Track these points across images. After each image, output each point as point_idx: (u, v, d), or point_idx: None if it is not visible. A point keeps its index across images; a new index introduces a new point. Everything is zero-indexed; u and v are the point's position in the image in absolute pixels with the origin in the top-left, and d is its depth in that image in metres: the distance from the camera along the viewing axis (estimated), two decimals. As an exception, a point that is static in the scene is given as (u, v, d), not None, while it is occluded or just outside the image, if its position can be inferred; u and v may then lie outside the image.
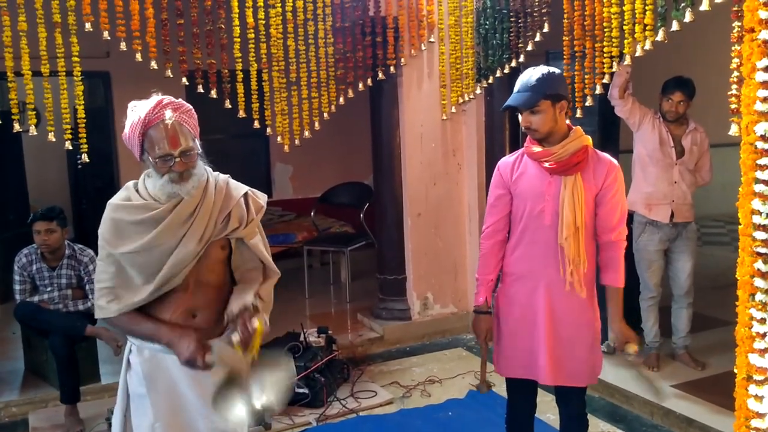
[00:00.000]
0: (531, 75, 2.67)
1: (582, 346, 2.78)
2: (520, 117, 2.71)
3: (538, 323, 2.75)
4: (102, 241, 2.22)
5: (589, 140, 2.72)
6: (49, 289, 4.40)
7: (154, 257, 2.17)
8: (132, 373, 2.31)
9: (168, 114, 2.15)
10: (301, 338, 4.57)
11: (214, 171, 2.36)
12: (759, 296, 2.21)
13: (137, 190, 2.25)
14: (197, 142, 2.23)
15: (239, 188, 2.36)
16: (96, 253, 2.29)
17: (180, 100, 2.25)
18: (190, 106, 2.25)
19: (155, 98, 2.19)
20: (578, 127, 2.75)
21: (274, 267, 2.41)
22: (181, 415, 2.29)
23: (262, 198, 2.41)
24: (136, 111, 2.17)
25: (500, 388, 4.43)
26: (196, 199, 2.22)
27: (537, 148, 2.72)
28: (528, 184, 2.76)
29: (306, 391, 4.27)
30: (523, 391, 2.94)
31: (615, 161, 2.75)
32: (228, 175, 2.39)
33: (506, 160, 2.88)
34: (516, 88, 2.71)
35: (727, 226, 8.67)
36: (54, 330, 4.22)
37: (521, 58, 4.77)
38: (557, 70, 2.72)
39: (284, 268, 2.53)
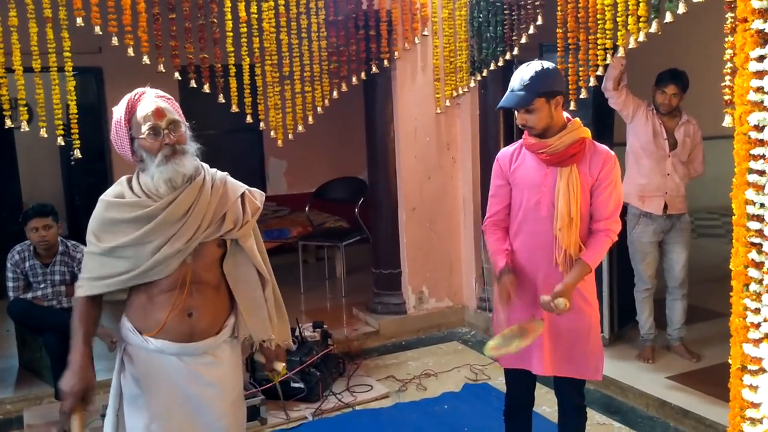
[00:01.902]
0: (524, 73, 2.65)
1: (581, 338, 2.78)
2: (516, 114, 2.71)
3: (536, 313, 2.75)
4: (90, 236, 2.21)
5: (587, 132, 2.72)
6: (42, 285, 4.38)
7: (142, 252, 2.16)
8: (126, 374, 2.29)
9: (148, 93, 2.20)
10: (297, 333, 4.57)
11: (210, 168, 2.34)
12: (753, 286, 2.21)
13: (131, 187, 2.23)
14: (185, 124, 2.24)
15: (237, 188, 2.33)
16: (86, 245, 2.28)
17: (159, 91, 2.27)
18: (171, 97, 2.27)
19: (133, 92, 2.22)
20: (576, 119, 2.74)
21: (266, 274, 2.40)
22: (177, 415, 2.28)
23: (259, 198, 2.38)
24: (118, 108, 2.21)
25: (496, 381, 4.45)
26: (192, 197, 2.19)
27: (534, 140, 2.72)
28: (525, 175, 2.77)
29: (302, 385, 4.27)
30: (521, 383, 2.94)
31: (612, 152, 2.74)
32: (226, 173, 2.36)
33: (505, 151, 2.89)
34: (510, 87, 2.70)
35: (721, 218, 8.70)
36: (48, 327, 4.21)
37: (515, 51, 4.77)
38: (551, 65, 2.71)
39: (279, 264, 2.54)
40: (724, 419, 2.57)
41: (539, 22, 4.52)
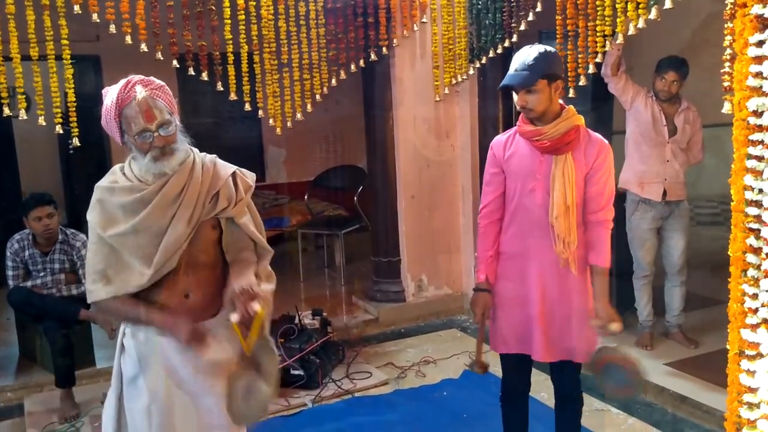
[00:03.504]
0: (528, 54, 2.65)
1: (576, 324, 2.79)
2: (515, 96, 2.70)
3: (531, 300, 2.77)
4: (91, 224, 2.22)
5: (581, 120, 2.72)
6: (42, 274, 4.38)
7: (145, 240, 2.16)
8: (126, 357, 2.31)
9: (139, 89, 2.15)
10: (296, 321, 4.58)
11: (201, 152, 2.35)
12: (751, 272, 2.21)
13: (124, 173, 2.24)
14: (175, 117, 2.22)
15: (227, 168, 2.35)
16: (88, 237, 2.28)
17: (151, 77, 2.24)
18: (162, 83, 2.24)
19: (124, 79, 2.19)
20: (570, 106, 2.74)
21: (267, 245, 2.41)
22: (176, 397, 2.29)
23: (250, 177, 2.40)
24: (109, 96, 2.18)
25: (495, 369, 4.46)
26: (183, 179, 2.20)
27: (529, 127, 2.72)
28: (520, 163, 2.76)
29: (301, 372, 4.29)
30: (517, 368, 2.96)
31: (606, 141, 2.75)
32: (215, 155, 2.37)
33: (499, 139, 2.89)
34: (513, 67, 2.69)
35: (720, 206, 8.70)
36: (48, 315, 4.22)
37: (514, 38, 4.75)
38: (553, 49, 2.71)
39: (278, 252, 2.54)
40: (722, 405, 2.57)
41: (538, 8, 4.50)
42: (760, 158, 2.16)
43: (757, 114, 2.15)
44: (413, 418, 3.96)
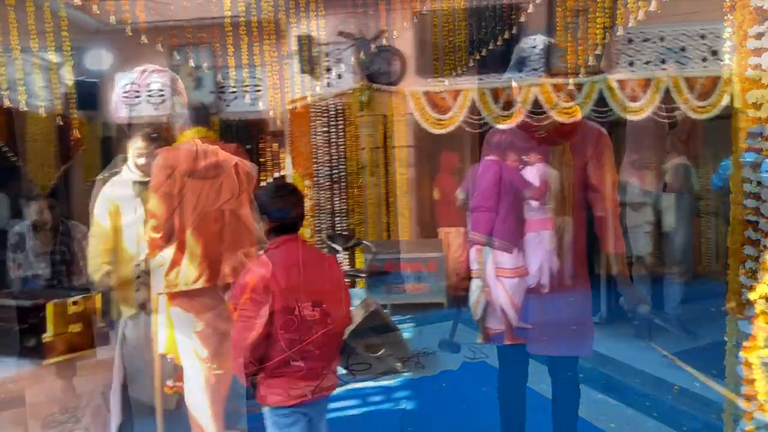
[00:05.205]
0: (530, 49, 2.66)
1: (576, 317, 2.79)
2: (515, 89, 2.71)
3: (529, 291, 2.77)
4: (94, 218, 2.23)
5: (578, 111, 2.73)
6: (42, 265, 4.39)
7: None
8: (127, 347, 2.32)
9: (155, 78, 2.18)
10: (296, 312, 4.58)
11: (201, 143, 2.36)
12: (749, 264, 2.22)
13: (128, 165, 2.25)
14: (185, 107, 2.24)
15: (229, 159, 2.36)
16: (89, 229, 2.30)
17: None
18: (173, 72, 2.27)
19: (139, 68, 2.20)
20: (568, 97, 2.75)
21: (263, 237, 2.42)
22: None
23: (251, 168, 2.41)
24: (123, 81, 2.19)
25: (494, 360, 4.47)
26: (188, 170, 2.21)
27: (527, 119, 2.72)
28: (517, 154, 2.77)
29: (301, 364, 4.29)
30: (514, 360, 2.96)
31: (603, 130, 2.75)
32: (216, 146, 2.38)
33: (497, 131, 2.89)
34: (514, 62, 2.70)
35: (721, 198, 8.68)
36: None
37: (514, 30, 4.74)
38: (554, 41, 2.72)
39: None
40: (720, 396, 2.59)
41: (538, 0, 4.49)
42: (759, 150, 2.16)
43: (756, 106, 2.15)
44: (412, 408, 3.98)
